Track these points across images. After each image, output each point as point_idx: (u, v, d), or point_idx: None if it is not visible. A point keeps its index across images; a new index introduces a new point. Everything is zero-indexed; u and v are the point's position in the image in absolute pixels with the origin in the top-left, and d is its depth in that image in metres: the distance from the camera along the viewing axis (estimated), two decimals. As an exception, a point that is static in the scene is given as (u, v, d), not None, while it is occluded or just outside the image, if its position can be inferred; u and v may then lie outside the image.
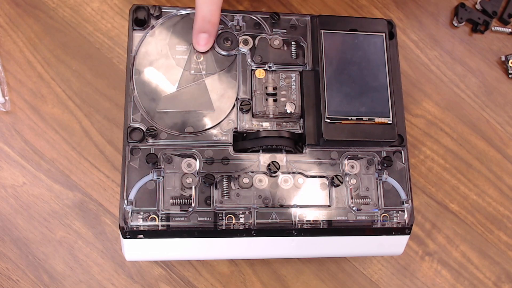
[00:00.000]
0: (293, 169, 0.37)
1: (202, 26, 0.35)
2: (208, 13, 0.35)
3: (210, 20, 0.35)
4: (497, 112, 0.49)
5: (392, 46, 0.40)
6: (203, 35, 0.36)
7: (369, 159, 0.38)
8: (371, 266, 0.44)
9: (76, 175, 0.41)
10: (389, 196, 0.38)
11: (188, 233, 0.35)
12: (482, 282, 0.45)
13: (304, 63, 0.39)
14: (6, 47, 0.42)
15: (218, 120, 0.36)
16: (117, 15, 0.44)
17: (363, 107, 0.37)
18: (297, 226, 0.36)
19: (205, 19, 0.35)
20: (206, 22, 0.35)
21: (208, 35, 0.36)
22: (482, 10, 0.50)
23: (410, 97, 0.48)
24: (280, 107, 0.38)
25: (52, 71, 0.42)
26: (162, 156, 0.35)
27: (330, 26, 0.38)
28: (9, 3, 0.43)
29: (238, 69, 0.38)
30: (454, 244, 0.45)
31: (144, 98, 0.36)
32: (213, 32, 0.36)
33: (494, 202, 0.47)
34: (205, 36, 0.36)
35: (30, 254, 0.40)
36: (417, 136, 0.47)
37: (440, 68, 0.49)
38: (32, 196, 0.40)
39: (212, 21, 0.35)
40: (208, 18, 0.35)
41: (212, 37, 0.36)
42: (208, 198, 0.35)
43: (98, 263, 0.40)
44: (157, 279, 0.41)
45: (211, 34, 0.36)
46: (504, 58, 0.50)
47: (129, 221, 0.34)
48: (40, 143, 0.41)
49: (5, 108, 0.41)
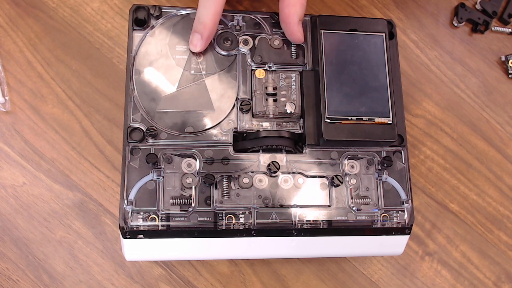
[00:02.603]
0: (293, 169, 0.37)
1: (196, 26, 0.36)
2: (203, 15, 0.35)
3: (203, 22, 0.35)
4: (497, 112, 0.49)
5: (392, 46, 0.40)
6: (196, 35, 0.36)
7: (369, 159, 0.38)
8: (371, 266, 0.44)
9: (76, 175, 0.41)
10: (389, 196, 0.38)
11: (188, 233, 0.35)
12: (482, 282, 0.45)
13: (304, 63, 0.39)
14: (6, 47, 0.42)
15: (218, 120, 0.36)
16: (117, 15, 0.44)
17: (363, 107, 0.37)
18: (297, 226, 0.36)
19: (199, 20, 0.36)
20: (199, 23, 0.36)
21: (200, 36, 0.36)
22: (482, 10, 0.50)
23: (410, 97, 0.48)
24: (280, 107, 0.38)
25: (52, 71, 0.42)
26: (162, 156, 0.35)
27: (330, 26, 0.38)
28: (9, 3, 0.43)
29: (238, 69, 0.38)
30: (454, 244, 0.45)
31: (144, 98, 0.36)
32: (205, 34, 0.36)
33: (494, 202, 0.47)
34: (197, 37, 0.36)
35: (30, 254, 0.40)
36: (417, 136, 0.47)
37: (440, 68, 0.49)
38: (32, 196, 0.40)
39: (204, 23, 0.35)
40: (202, 19, 0.35)
41: (204, 39, 0.36)
42: (208, 198, 0.35)
43: (98, 263, 0.40)
44: (157, 279, 0.41)
45: (203, 36, 0.36)
46: (504, 58, 0.50)
47: (129, 221, 0.34)
48: (40, 143, 0.41)
49: (5, 108, 0.41)
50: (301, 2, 0.37)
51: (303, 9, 0.37)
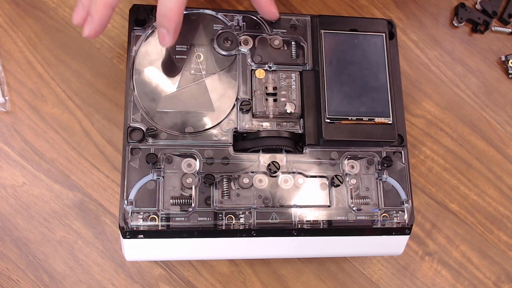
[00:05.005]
0: (293, 169, 0.37)
1: (160, 20, 0.34)
2: (165, 8, 0.33)
3: (166, 15, 0.33)
4: (497, 112, 0.49)
5: (392, 46, 0.40)
6: (162, 29, 0.34)
7: (369, 159, 0.38)
8: (371, 266, 0.44)
9: (76, 175, 0.41)
10: (389, 196, 0.38)
11: (188, 233, 0.35)
12: (482, 282, 0.45)
13: (304, 63, 0.39)
14: (6, 47, 0.42)
15: (218, 120, 0.36)
16: (117, 15, 0.44)
17: (363, 107, 0.37)
18: (297, 226, 0.36)
19: (161, 13, 0.33)
20: (163, 16, 0.33)
21: (166, 30, 0.34)
22: (482, 10, 0.50)
23: (410, 97, 0.48)
24: (280, 107, 0.38)
25: (52, 71, 0.42)
26: (162, 156, 0.35)
27: (330, 26, 0.38)
28: (9, 3, 0.43)
29: (238, 69, 0.38)
30: (454, 244, 0.45)
31: (144, 98, 0.36)
32: (171, 27, 0.34)
33: (494, 202, 0.47)
34: (163, 32, 0.34)
35: (30, 254, 0.40)
36: (417, 136, 0.47)
37: (440, 68, 0.49)
38: (32, 196, 0.40)
39: (168, 16, 0.33)
40: (164, 13, 0.33)
41: (171, 33, 0.34)
42: (208, 198, 0.35)
43: (98, 263, 0.40)
44: (157, 279, 0.41)
45: (169, 30, 0.34)
46: (504, 58, 0.50)
47: (129, 221, 0.34)
48: (40, 143, 0.41)
49: (5, 108, 0.41)
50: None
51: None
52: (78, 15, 0.34)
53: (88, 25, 0.33)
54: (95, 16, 0.33)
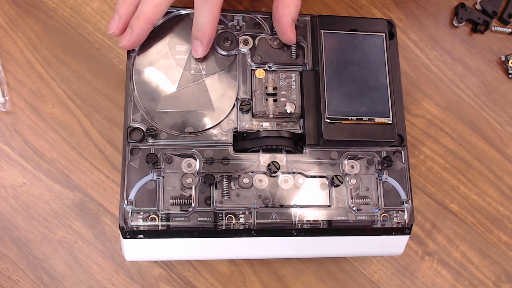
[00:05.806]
0: (293, 169, 0.37)
1: (195, 33, 0.36)
2: (201, 22, 0.35)
3: (201, 29, 0.35)
4: (497, 112, 0.49)
5: (392, 46, 0.40)
6: (196, 42, 0.36)
7: (369, 159, 0.38)
8: (371, 266, 0.44)
9: (76, 175, 0.41)
10: (389, 196, 0.38)
11: (188, 233, 0.35)
12: (482, 282, 0.45)
13: (304, 63, 0.39)
14: (6, 47, 0.42)
15: (218, 120, 0.36)
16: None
17: (363, 107, 0.37)
18: (297, 226, 0.36)
19: (197, 27, 0.36)
20: (198, 30, 0.36)
21: (200, 42, 0.36)
22: (482, 10, 0.50)
23: (410, 97, 0.48)
24: (280, 107, 0.38)
25: (52, 71, 0.42)
26: (162, 156, 0.35)
27: (330, 26, 0.38)
28: (9, 3, 0.43)
29: (238, 69, 0.38)
30: (454, 244, 0.45)
31: (144, 98, 0.36)
32: (204, 41, 0.36)
33: (494, 202, 0.47)
34: (197, 43, 0.36)
35: (30, 254, 0.40)
36: (417, 136, 0.47)
37: (440, 68, 0.49)
38: (32, 196, 0.40)
39: (202, 30, 0.35)
40: (200, 27, 0.35)
41: (204, 46, 0.36)
42: (208, 198, 0.35)
43: (98, 263, 0.40)
44: (157, 279, 0.41)
45: (202, 43, 0.36)
46: (504, 58, 0.50)
47: (129, 221, 0.34)
48: (40, 143, 0.41)
49: (5, 108, 0.41)
50: (296, 3, 0.37)
51: (297, 10, 0.37)
52: (114, 25, 0.35)
53: (127, 36, 0.35)
54: (135, 29, 0.35)
